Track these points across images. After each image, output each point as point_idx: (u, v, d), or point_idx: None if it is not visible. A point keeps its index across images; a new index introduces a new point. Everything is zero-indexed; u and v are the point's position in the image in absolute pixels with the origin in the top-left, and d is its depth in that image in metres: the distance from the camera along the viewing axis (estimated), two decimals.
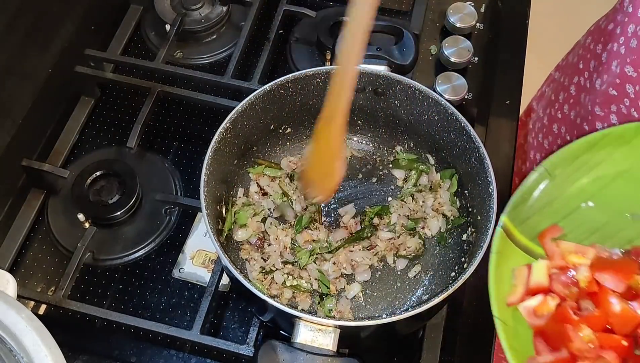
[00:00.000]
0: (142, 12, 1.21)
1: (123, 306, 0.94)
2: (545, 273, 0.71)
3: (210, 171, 0.83)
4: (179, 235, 0.99)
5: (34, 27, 0.99)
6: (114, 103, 1.13)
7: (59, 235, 0.98)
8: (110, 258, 0.97)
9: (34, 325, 0.62)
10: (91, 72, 1.09)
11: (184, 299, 0.95)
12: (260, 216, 0.93)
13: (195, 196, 0.94)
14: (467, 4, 1.14)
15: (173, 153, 1.08)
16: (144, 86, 1.08)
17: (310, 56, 1.14)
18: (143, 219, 0.99)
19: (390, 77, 0.89)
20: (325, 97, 0.75)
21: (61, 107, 1.09)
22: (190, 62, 1.16)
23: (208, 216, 0.80)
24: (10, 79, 0.96)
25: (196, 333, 0.86)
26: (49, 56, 1.03)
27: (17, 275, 0.96)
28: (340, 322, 0.76)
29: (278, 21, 1.14)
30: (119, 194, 0.99)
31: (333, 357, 0.73)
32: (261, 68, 1.07)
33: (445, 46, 1.09)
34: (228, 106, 1.00)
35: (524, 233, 0.74)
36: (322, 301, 0.88)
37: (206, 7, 1.18)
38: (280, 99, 0.91)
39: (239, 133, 0.89)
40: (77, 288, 0.94)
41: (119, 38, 1.18)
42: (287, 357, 0.73)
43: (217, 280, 0.89)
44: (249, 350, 0.85)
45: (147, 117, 1.04)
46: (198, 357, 0.90)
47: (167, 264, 0.97)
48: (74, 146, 1.08)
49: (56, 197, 1.01)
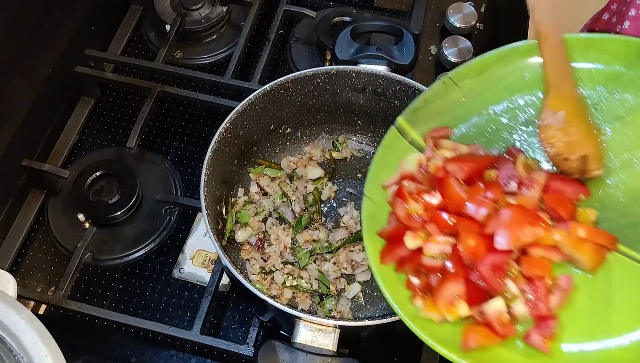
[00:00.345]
0: (142, 12, 1.21)
1: (123, 306, 0.94)
2: (415, 164, 0.76)
3: (210, 171, 0.83)
4: (179, 235, 0.99)
5: (34, 27, 0.99)
6: (114, 103, 1.13)
7: (59, 235, 0.98)
8: (110, 258, 0.97)
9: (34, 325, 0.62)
10: (91, 72, 1.10)
11: (184, 299, 0.95)
12: (261, 216, 0.93)
13: (195, 196, 0.94)
14: (467, 4, 1.14)
15: (173, 153, 1.08)
16: (144, 86, 1.08)
17: (310, 56, 1.14)
18: (143, 219, 0.99)
19: (390, 77, 0.90)
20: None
21: (61, 107, 1.09)
22: (190, 62, 1.16)
23: (208, 216, 0.80)
24: (10, 79, 0.96)
25: (196, 333, 0.86)
26: (49, 56, 1.03)
27: (17, 275, 0.96)
28: (340, 322, 0.76)
29: (278, 21, 1.14)
30: (119, 194, 0.99)
31: (333, 357, 0.73)
32: (261, 68, 1.07)
33: (445, 46, 1.09)
34: (228, 106, 1.00)
35: (422, 135, 0.78)
36: (322, 301, 0.88)
37: (206, 7, 1.18)
38: (280, 99, 0.91)
39: (239, 133, 0.89)
40: (77, 288, 0.94)
41: (119, 38, 1.18)
42: (287, 357, 0.73)
43: (217, 280, 0.89)
44: (249, 350, 0.85)
45: (147, 117, 1.04)
46: (198, 357, 0.90)
47: (167, 264, 0.97)
48: (74, 146, 1.08)
49: (56, 197, 1.01)
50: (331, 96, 0.94)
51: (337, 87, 0.93)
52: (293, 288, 0.88)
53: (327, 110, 0.97)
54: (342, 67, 0.91)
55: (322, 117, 0.98)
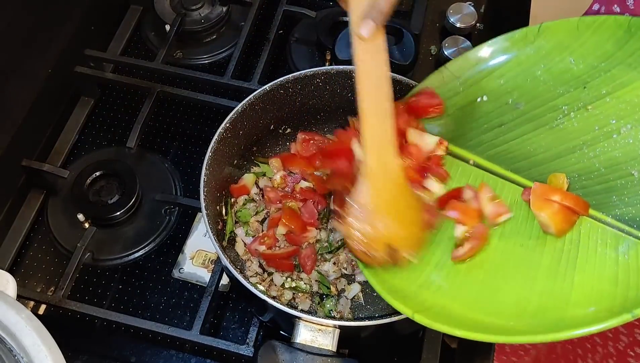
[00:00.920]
0: (142, 12, 1.21)
1: (123, 306, 0.94)
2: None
3: (210, 171, 0.83)
4: (178, 235, 0.99)
5: (34, 27, 0.99)
6: (114, 103, 1.13)
7: (58, 235, 0.98)
8: (110, 258, 0.97)
9: (34, 325, 0.62)
10: (91, 72, 1.10)
11: (184, 299, 0.95)
12: (260, 215, 0.93)
13: (195, 196, 0.94)
14: (467, 4, 1.14)
15: (173, 153, 1.08)
16: (144, 86, 1.08)
17: (310, 56, 1.14)
18: (143, 220, 0.99)
19: (390, 77, 0.89)
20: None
21: (61, 107, 1.09)
22: (190, 63, 1.16)
23: (208, 216, 0.80)
24: (10, 79, 0.96)
25: (196, 333, 0.86)
26: (49, 56, 1.03)
27: (17, 275, 0.96)
28: (340, 322, 0.76)
29: (278, 21, 1.14)
30: (119, 194, 0.99)
31: (333, 357, 0.73)
32: (261, 68, 1.07)
33: (445, 46, 1.09)
34: (228, 106, 1.00)
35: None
36: (322, 301, 0.88)
37: (206, 8, 1.18)
38: (280, 99, 0.91)
39: (238, 133, 0.89)
40: (77, 288, 0.94)
41: (119, 38, 1.18)
42: (287, 357, 0.73)
43: (217, 280, 0.89)
44: (249, 350, 0.85)
45: (147, 117, 1.04)
46: (198, 357, 0.90)
47: (167, 264, 0.97)
48: (74, 146, 1.08)
49: (56, 197, 1.01)
50: (331, 96, 0.94)
51: (337, 87, 0.93)
52: (292, 289, 0.88)
53: (327, 110, 0.97)
54: (342, 67, 0.91)
55: (322, 117, 0.98)
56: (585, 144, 0.78)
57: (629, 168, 0.75)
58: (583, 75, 0.79)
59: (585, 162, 0.78)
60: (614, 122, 0.77)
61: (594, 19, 0.79)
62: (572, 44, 0.80)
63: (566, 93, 0.80)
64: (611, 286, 0.67)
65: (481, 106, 0.83)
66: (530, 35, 0.82)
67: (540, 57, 0.81)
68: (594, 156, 0.77)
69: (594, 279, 0.69)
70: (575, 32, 0.80)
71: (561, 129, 0.79)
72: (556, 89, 0.80)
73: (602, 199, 0.75)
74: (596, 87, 0.78)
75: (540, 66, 0.81)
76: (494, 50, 0.83)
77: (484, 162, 0.83)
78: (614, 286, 0.67)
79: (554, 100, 0.80)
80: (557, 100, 0.80)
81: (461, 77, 0.84)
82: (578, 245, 0.73)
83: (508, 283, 0.72)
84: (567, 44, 0.80)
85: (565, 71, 0.80)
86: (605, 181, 0.76)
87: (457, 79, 0.84)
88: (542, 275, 0.72)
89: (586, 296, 0.68)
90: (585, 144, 0.78)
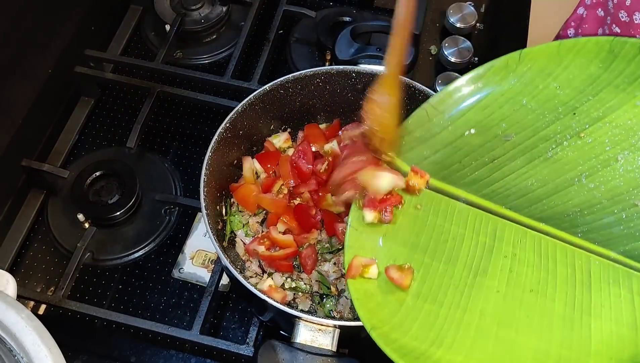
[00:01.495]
0: (142, 12, 1.21)
1: (123, 306, 0.94)
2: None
3: (210, 171, 0.83)
4: (178, 235, 0.99)
5: (34, 27, 0.99)
6: (114, 103, 1.13)
7: (58, 235, 0.98)
8: (110, 258, 0.97)
9: (34, 325, 0.62)
10: (91, 72, 1.10)
11: (184, 299, 0.95)
12: (261, 216, 0.93)
13: (195, 196, 0.94)
14: (467, 4, 1.14)
15: (173, 153, 1.08)
16: (144, 86, 1.08)
17: (310, 56, 1.14)
18: (143, 220, 0.99)
19: None
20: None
21: (61, 107, 1.09)
22: (190, 62, 1.16)
23: (208, 216, 0.80)
24: (10, 79, 0.96)
25: (196, 333, 0.86)
26: (49, 56, 1.03)
27: (17, 275, 0.96)
28: (340, 322, 0.76)
29: (278, 21, 1.14)
30: (119, 194, 0.99)
31: (333, 357, 0.73)
32: (261, 68, 1.07)
33: (445, 46, 1.09)
34: (228, 106, 1.00)
35: (405, 161, 0.81)
36: (322, 301, 0.88)
37: (206, 7, 1.18)
38: (280, 99, 0.91)
39: (238, 133, 0.89)
40: (77, 288, 0.94)
41: (119, 38, 1.18)
42: (287, 357, 0.73)
43: (217, 280, 0.89)
44: (249, 350, 0.85)
45: (147, 117, 1.04)
46: (198, 357, 0.90)
47: (167, 264, 0.97)
48: (74, 146, 1.08)
49: (56, 197, 1.01)
50: (331, 96, 0.94)
51: (337, 87, 0.93)
52: (292, 290, 0.88)
53: (327, 110, 0.97)
54: (342, 67, 0.91)
55: (322, 117, 0.98)
56: (583, 174, 0.76)
57: (632, 198, 0.73)
58: (571, 100, 0.77)
59: (585, 194, 0.75)
60: (610, 149, 0.75)
61: (575, 42, 0.77)
62: (555, 69, 0.78)
63: (556, 121, 0.77)
64: (631, 332, 0.65)
65: (470, 140, 0.80)
66: (511, 63, 0.79)
67: (523, 85, 0.79)
68: (594, 188, 0.75)
69: (612, 324, 0.67)
70: (556, 57, 0.78)
71: (556, 160, 0.77)
72: (545, 117, 0.78)
73: (608, 235, 0.73)
74: (586, 113, 0.76)
75: (525, 94, 0.79)
76: (476, 80, 0.81)
77: (481, 201, 0.79)
78: (633, 331, 0.65)
79: (544, 129, 0.78)
80: (547, 128, 0.78)
81: (445, 111, 0.81)
82: (590, 287, 0.71)
83: (523, 335, 0.70)
84: (550, 70, 0.78)
85: (551, 97, 0.78)
86: (609, 215, 0.74)
87: (442, 114, 0.81)
88: (557, 324, 0.69)
89: (606, 344, 0.66)
90: (583, 174, 0.76)
